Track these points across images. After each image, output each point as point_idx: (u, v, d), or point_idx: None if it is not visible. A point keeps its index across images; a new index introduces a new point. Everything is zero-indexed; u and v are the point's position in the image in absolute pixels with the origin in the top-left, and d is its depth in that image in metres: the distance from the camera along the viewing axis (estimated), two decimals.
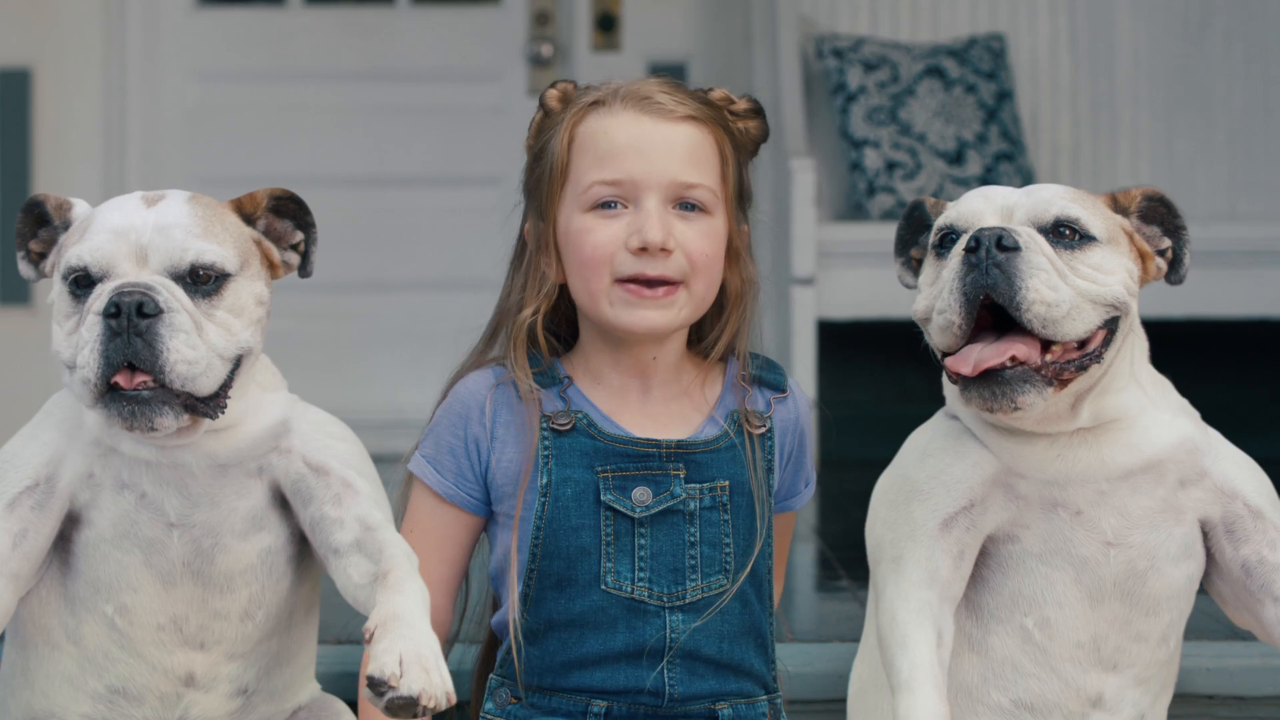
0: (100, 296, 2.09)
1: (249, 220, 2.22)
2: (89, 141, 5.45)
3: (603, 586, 2.28)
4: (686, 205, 2.31)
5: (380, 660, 1.95)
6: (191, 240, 2.13)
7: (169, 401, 2.08)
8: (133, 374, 2.07)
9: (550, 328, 2.41)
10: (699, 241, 2.31)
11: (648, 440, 2.31)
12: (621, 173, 2.29)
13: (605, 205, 2.31)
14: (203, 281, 2.13)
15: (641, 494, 2.29)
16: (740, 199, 2.39)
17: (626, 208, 2.30)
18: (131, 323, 2.06)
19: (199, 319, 2.10)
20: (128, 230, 2.13)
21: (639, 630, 2.28)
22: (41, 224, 2.21)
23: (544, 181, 2.36)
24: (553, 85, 2.43)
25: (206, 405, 2.11)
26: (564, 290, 2.40)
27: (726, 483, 2.32)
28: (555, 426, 2.31)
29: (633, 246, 2.28)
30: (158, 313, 2.07)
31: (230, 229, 2.18)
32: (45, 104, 5.41)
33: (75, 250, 2.13)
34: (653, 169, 2.29)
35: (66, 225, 2.19)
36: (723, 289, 2.39)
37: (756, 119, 2.43)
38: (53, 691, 2.22)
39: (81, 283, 2.12)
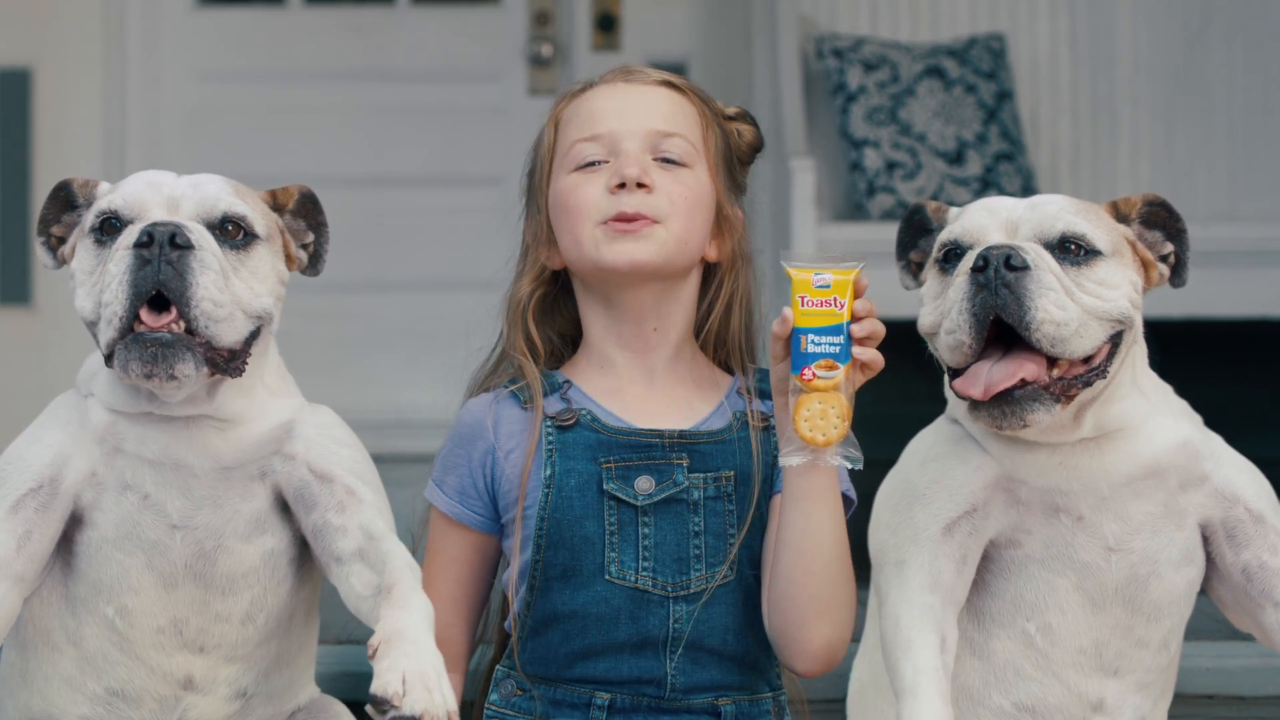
0: (130, 232, 2.10)
1: (277, 209, 2.25)
2: (89, 141, 5.43)
3: (607, 576, 2.30)
4: (666, 160, 2.37)
5: (384, 678, 1.96)
6: (224, 195, 2.16)
7: (191, 348, 2.07)
8: (157, 314, 2.07)
9: (552, 329, 2.46)
10: (677, 186, 2.36)
11: (650, 430, 2.34)
12: (601, 128, 2.38)
13: (588, 165, 2.37)
14: (232, 235, 2.14)
15: (644, 483, 2.32)
16: (730, 176, 2.44)
17: (607, 163, 2.37)
18: (163, 251, 2.07)
19: (226, 269, 2.12)
20: (161, 184, 2.16)
21: (643, 621, 2.29)
22: (66, 208, 2.22)
23: (537, 169, 2.45)
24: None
25: (226, 362, 2.11)
26: (563, 288, 2.45)
27: (732, 473, 2.34)
28: (559, 423, 2.34)
29: (611, 185, 2.34)
30: (189, 246, 2.08)
31: (259, 204, 2.22)
32: (45, 104, 5.40)
33: (105, 199, 2.15)
34: (629, 121, 2.37)
35: (90, 203, 2.20)
36: (716, 266, 2.43)
37: (749, 125, 2.50)
38: (51, 693, 2.22)
39: (107, 228, 2.13)
